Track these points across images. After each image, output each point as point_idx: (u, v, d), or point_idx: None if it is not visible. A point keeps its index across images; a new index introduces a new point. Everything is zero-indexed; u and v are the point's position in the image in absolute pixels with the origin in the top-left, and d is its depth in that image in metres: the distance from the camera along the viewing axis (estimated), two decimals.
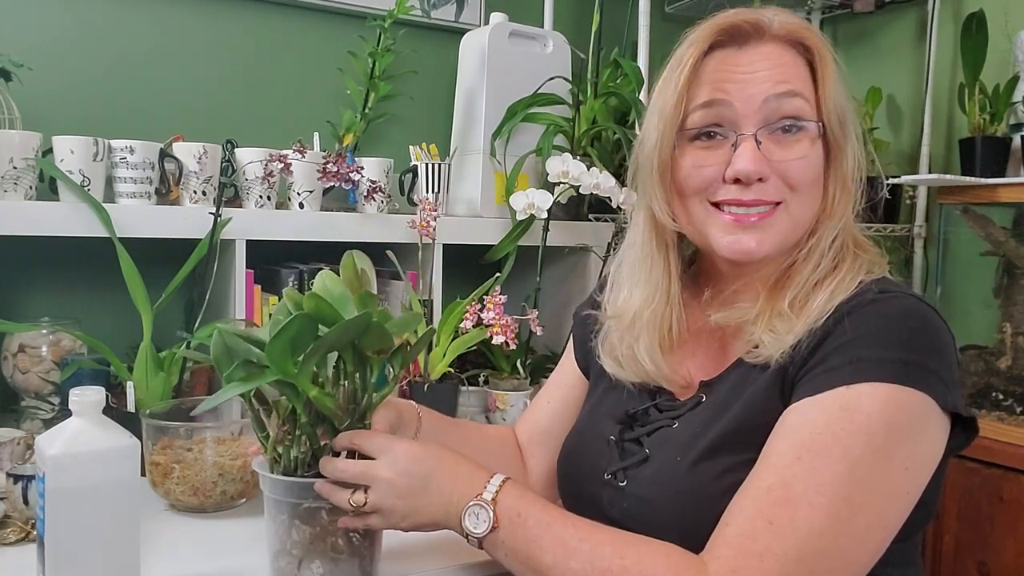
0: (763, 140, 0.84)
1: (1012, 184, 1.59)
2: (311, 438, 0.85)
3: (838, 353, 0.77)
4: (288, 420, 0.85)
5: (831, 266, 0.85)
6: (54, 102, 1.49)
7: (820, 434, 0.74)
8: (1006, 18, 1.74)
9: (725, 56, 0.86)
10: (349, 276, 0.90)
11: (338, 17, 1.75)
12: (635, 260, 0.96)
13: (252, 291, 1.41)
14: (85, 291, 1.52)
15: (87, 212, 1.26)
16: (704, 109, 0.86)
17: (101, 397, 0.79)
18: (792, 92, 0.84)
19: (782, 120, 0.84)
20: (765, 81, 0.84)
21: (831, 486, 0.72)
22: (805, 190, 0.85)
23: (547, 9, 1.95)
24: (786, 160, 0.84)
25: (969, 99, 1.70)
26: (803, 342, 0.80)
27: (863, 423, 0.74)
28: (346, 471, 0.83)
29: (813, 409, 0.76)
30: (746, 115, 0.84)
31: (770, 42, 0.86)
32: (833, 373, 0.76)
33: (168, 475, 1.07)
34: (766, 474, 0.75)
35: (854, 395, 0.75)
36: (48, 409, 1.36)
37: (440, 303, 1.53)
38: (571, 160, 1.54)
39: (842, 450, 0.73)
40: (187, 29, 1.62)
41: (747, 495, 0.75)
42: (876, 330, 0.78)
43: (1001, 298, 1.67)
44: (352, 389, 0.86)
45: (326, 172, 1.42)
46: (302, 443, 0.85)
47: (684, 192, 0.88)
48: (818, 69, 0.86)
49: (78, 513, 0.76)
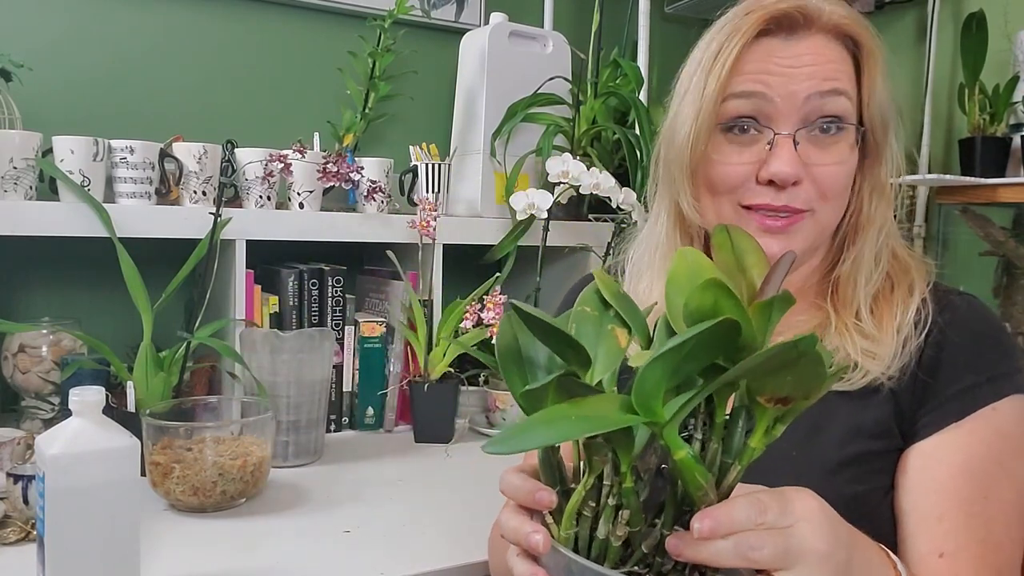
0: (801, 141, 0.79)
1: (1012, 184, 1.59)
2: (634, 516, 0.52)
3: (968, 371, 0.76)
4: (598, 484, 0.53)
5: (885, 277, 0.82)
6: (54, 102, 1.49)
7: (989, 467, 0.75)
8: (1006, 18, 1.74)
9: (769, 45, 0.80)
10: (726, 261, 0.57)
11: (338, 17, 1.75)
12: (656, 253, 0.89)
13: (252, 291, 1.41)
14: (85, 291, 1.52)
15: (87, 212, 1.26)
16: (741, 99, 0.80)
17: (101, 397, 0.79)
18: (837, 91, 0.79)
19: (821, 120, 0.79)
20: (810, 77, 0.78)
21: (1013, 516, 0.74)
22: (835, 197, 0.81)
23: (547, 9, 1.95)
24: (822, 164, 0.79)
25: (969, 99, 1.69)
26: (909, 363, 0.77)
27: (1015, 443, 0.76)
28: (760, 549, 0.51)
29: (971, 440, 0.75)
30: (786, 113, 0.79)
31: (818, 33, 0.80)
32: (971, 394, 0.76)
33: (168, 475, 1.07)
34: (970, 522, 0.74)
35: (1001, 416, 0.75)
36: (48, 409, 1.36)
37: (440, 303, 1.53)
38: (571, 160, 1.54)
39: (1009, 475, 0.75)
40: (187, 29, 1.62)
41: (968, 552, 0.73)
42: (989, 341, 0.78)
43: (1001, 298, 1.66)
44: (714, 453, 0.53)
45: (326, 172, 1.42)
46: (618, 521, 0.52)
47: (715, 190, 0.82)
48: (864, 66, 0.81)
49: (78, 513, 0.76)
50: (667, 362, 0.46)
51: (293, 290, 1.47)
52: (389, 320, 1.53)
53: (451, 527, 1.07)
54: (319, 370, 1.32)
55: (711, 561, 0.51)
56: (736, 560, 0.50)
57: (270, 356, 1.29)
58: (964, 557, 0.73)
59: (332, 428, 1.49)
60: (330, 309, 1.50)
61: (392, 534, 1.05)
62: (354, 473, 1.28)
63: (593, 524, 0.53)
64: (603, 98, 1.72)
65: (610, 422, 0.47)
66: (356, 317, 1.54)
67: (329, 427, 1.47)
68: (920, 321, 0.78)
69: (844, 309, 0.81)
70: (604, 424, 0.47)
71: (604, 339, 0.55)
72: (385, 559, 0.97)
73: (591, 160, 1.65)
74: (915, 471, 0.76)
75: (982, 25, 1.71)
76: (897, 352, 0.77)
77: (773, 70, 0.79)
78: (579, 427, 0.46)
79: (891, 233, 0.85)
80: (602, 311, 0.56)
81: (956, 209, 1.72)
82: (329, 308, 1.50)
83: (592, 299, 0.56)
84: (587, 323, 0.55)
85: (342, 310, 1.51)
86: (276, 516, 1.10)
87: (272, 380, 1.28)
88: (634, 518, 0.52)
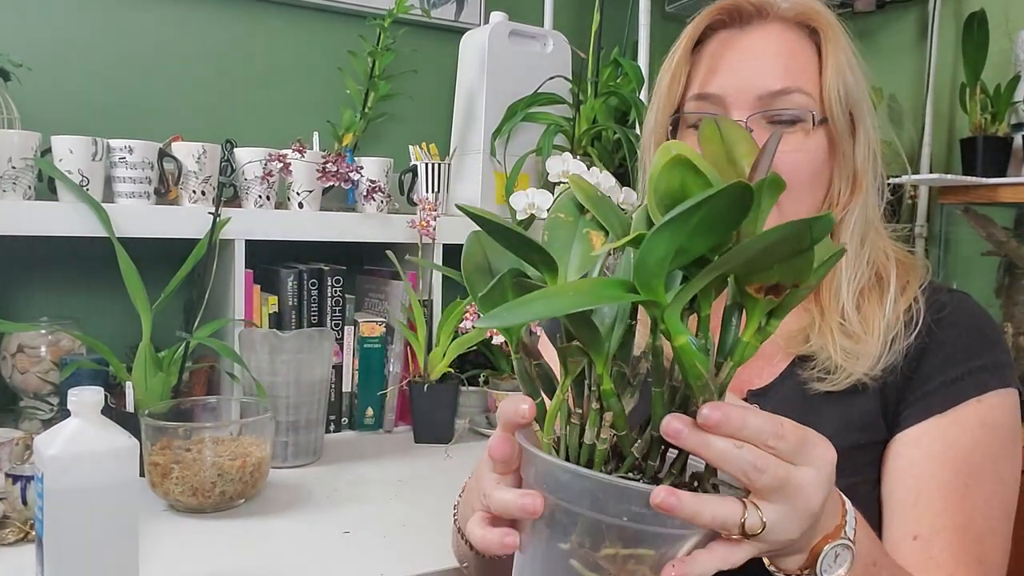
0: (755, 128, 0.77)
1: (1013, 184, 1.59)
2: (618, 419, 0.50)
3: (952, 365, 0.76)
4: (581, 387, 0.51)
5: (871, 274, 0.81)
6: (53, 102, 1.49)
7: (972, 456, 0.75)
8: (1007, 17, 1.73)
9: (725, 38, 0.81)
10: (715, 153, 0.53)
11: (338, 17, 1.75)
12: None
13: (251, 291, 1.41)
14: (84, 291, 1.52)
15: (86, 212, 1.26)
16: (696, 101, 0.82)
17: (100, 397, 0.79)
18: (788, 89, 0.78)
19: (775, 112, 0.79)
20: (763, 75, 0.78)
21: (996, 507, 0.74)
22: (799, 187, 0.79)
23: (547, 9, 1.95)
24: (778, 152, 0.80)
25: (970, 99, 1.69)
26: (897, 362, 0.77)
27: (1002, 436, 0.76)
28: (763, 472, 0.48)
29: (954, 430, 0.75)
30: (740, 105, 0.79)
31: (775, 22, 0.80)
32: (956, 386, 0.76)
33: (167, 475, 1.07)
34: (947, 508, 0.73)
35: (986, 408, 0.75)
36: (47, 409, 1.36)
37: (440, 303, 1.53)
38: (571, 160, 1.53)
39: (992, 468, 0.75)
40: (187, 29, 1.62)
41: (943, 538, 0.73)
42: (975, 336, 0.79)
43: (1002, 298, 1.66)
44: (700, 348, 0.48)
45: (326, 172, 1.42)
46: (603, 423, 0.50)
47: None
48: (824, 53, 0.80)
49: (77, 513, 0.76)
50: (672, 236, 0.42)
51: (292, 290, 1.47)
52: (389, 320, 1.53)
53: (451, 528, 1.06)
54: (319, 370, 1.32)
55: (709, 457, 0.48)
56: (733, 469, 0.48)
57: (269, 356, 1.28)
58: (939, 541, 0.73)
59: (332, 428, 1.48)
60: (330, 309, 1.50)
61: (392, 535, 1.04)
62: (354, 474, 1.28)
63: (581, 432, 0.51)
64: (603, 98, 1.72)
65: (607, 297, 0.44)
66: (356, 317, 1.53)
67: (329, 427, 1.46)
68: (911, 320, 0.78)
69: (829, 307, 0.80)
70: (601, 299, 0.44)
71: (579, 243, 0.51)
72: (385, 560, 0.96)
73: (591, 160, 1.65)
74: (896, 458, 0.77)
75: (983, 24, 1.71)
76: (883, 352, 0.77)
77: (724, 65, 0.80)
78: (576, 301, 0.43)
79: (879, 230, 0.84)
80: (577, 216, 0.52)
81: (958, 209, 1.72)
82: (329, 308, 1.49)
83: (567, 205, 0.53)
84: (561, 229, 0.52)
85: (342, 310, 1.51)
86: (275, 517, 1.09)
87: (271, 380, 1.28)
88: (618, 421, 0.50)
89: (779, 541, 0.51)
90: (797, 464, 0.50)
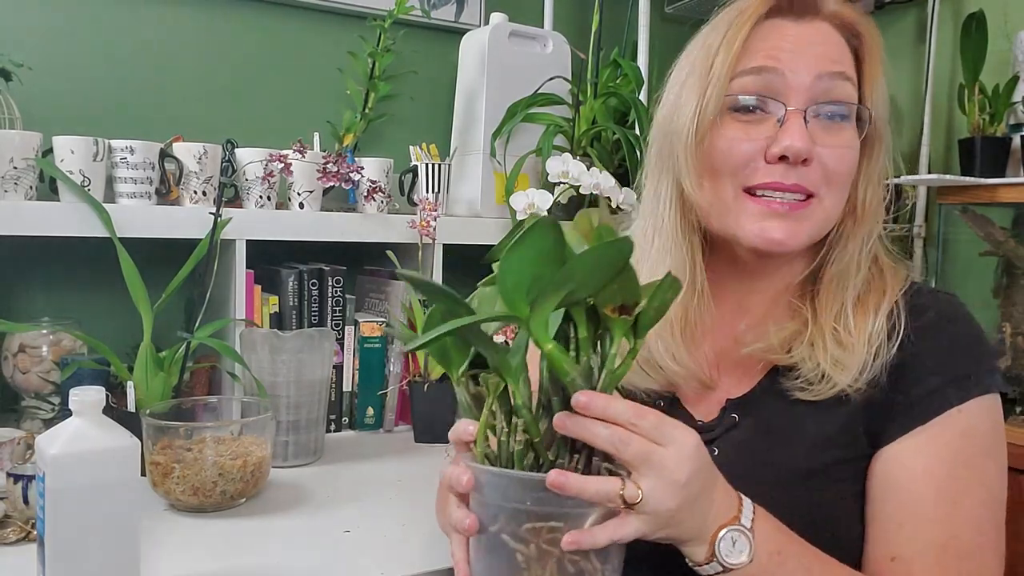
0: (810, 120, 0.77)
1: (1012, 184, 1.59)
2: (528, 424, 0.61)
3: (932, 374, 0.76)
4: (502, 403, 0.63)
5: (867, 280, 0.81)
6: (54, 102, 1.49)
7: (956, 468, 0.74)
8: (1006, 18, 1.74)
9: (778, 25, 0.80)
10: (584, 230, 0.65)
11: (338, 17, 1.75)
12: (653, 244, 0.85)
13: (252, 291, 1.41)
14: (85, 291, 1.52)
15: (87, 212, 1.26)
16: (752, 75, 0.78)
17: (101, 397, 0.79)
18: (844, 75, 0.79)
19: (830, 104, 0.78)
20: (820, 58, 0.78)
21: (986, 516, 0.74)
22: (840, 184, 0.79)
23: (547, 9, 1.95)
24: (831, 146, 0.78)
25: (969, 99, 1.70)
26: (880, 375, 0.76)
27: (983, 444, 0.76)
28: (627, 444, 0.59)
29: (936, 444, 0.75)
30: (796, 89, 0.77)
31: (823, 21, 0.80)
32: (936, 397, 0.75)
33: (168, 475, 1.07)
34: (930, 527, 0.73)
35: (966, 417, 0.75)
36: (48, 409, 1.36)
37: None
38: (571, 160, 1.54)
39: (978, 477, 0.75)
40: (187, 29, 1.62)
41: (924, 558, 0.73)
42: (958, 342, 0.78)
43: (1001, 298, 1.67)
44: (587, 364, 0.61)
45: (326, 172, 1.42)
46: (518, 432, 0.62)
47: (718, 170, 0.79)
48: (866, 59, 0.81)
49: (78, 513, 0.76)
50: (520, 264, 0.56)
51: (293, 290, 1.47)
52: (389, 320, 1.53)
53: None
54: (319, 370, 1.32)
55: (586, 437, 0.60)
56: (605, 444, 0.60)
57: (270, 356, 1.29)
58: (919, 562, 0.73)
59: (332, 428, 1.48)
60: (330, 309, 1.50)
61: (392, 534, 1.05)
62: (354, 473, 1.28)
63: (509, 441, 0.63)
64: (603, 98, 1.72)
65: (479, 317, 0.58)
66: (356, 317, 1.53)
67: (329, 427, 1.46)
68: (893, 329, 0.78)
69: (825, 312, 0.80)
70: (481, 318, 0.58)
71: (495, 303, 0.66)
72: (385, 559, 0.97)
73: (591, 160, 1.65)
74: (880, 476, 0.77)
75: (982, 25, 1.71)
76: (868, 363, 0.76)
77: (784, 47, 0.78)
78: (463, 322, 0.58)
79: (879, 236, 0.84)
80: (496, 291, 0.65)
81: (956, 209, 1.72)
82: (329, 308, 1.50)
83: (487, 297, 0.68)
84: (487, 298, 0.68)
85: (342, 310, 1.51)
86: (276, 516, 1.10)
87: (272, 380, 1.28)
88: (530, 427, 0.61)
89: (659, 512, 0.61)
90: (659, 443, 0.61)
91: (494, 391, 0.62)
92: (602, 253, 0.55)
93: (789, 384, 0.79)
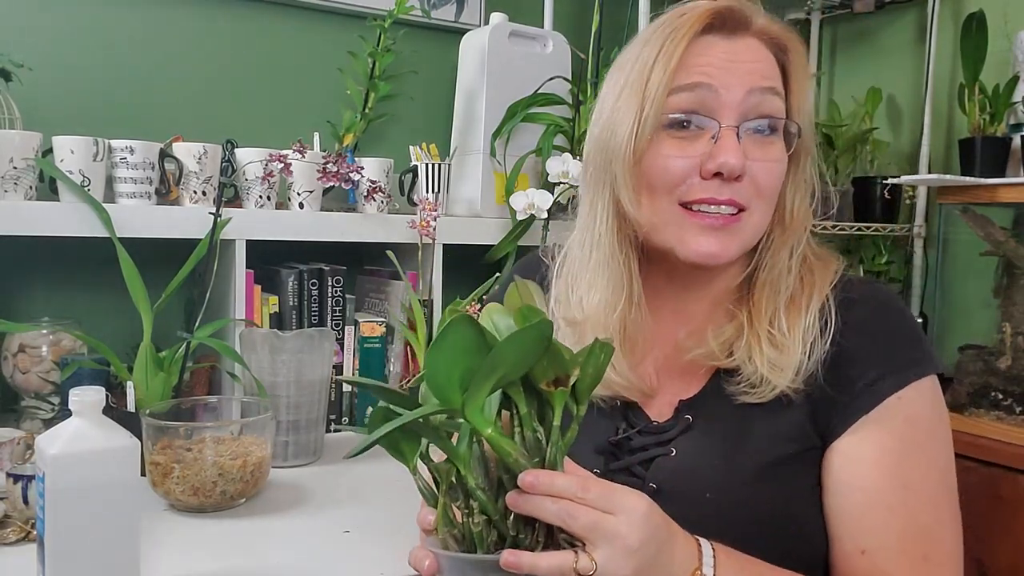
0: (743, 136, 0.80)
1: (1012, 184, 1.59)
2: (484, 505, 0.63)
3: (869, 365, 0.79)
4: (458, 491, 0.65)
5: (798, 280, 0.84)
6: (54, 102, 1.49)
7: (904, 454, 0.77)
8: (1006, 18, 1.74)
9: (711, 42, 0.81)
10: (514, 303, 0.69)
11: (338, 17, 1.75)
12: (591, 259, 0.87)
13: (252, 291, 1.41)
14: (85, 291, 1.52)
15: (87, 212, 1.26)
16: (687, 92, 0.79)
17: (101, 397, 0.79)
18: (774, 90, 0.81)
19: (760, 119, 0.80)
20: (751, 73, 0.80)
21: (940, 494, 0.78)
22: (769, 196, 0.82)
23: (547, 9, 1.95)
24: (762, 160, 0.80)
25: (969, 99, 1.69)
26: (816, 372, 0.79)
27: (927, 426, 0.79)
28: (576, 518, 0.61)
29: (881, 433, 0.78)
30: (729, 105, 0.79)
31: (754, 36, 0.82)
32: (876, 387, 0.78)
33: (168, 475, 1.07)
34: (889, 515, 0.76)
35: (907, 402, 0.78)
36: (48, 409, 1.36)
37: (440, 303, 1.53)
38: (571, 160, 1.54)
39: (927, 458, 0.78)
40: (187, 29, 1.62)
41: (888, 546, 0.76)
42: (889, 331, 0.81)
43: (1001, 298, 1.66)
44: (533, 437, 0.63)
45: (326, 172, 1.42)
46: (476, 514, 0.63)
47: (655, 186, 0.81)
48: (793, 75, 0.84)
49: (78, 513, 0.76)
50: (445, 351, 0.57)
51: (293, 290, 1.47)
52: (389, 320, 1.53)
53: None
54: (319, 370, 1.32)
55: (537, 513, 0.61)
56: (553, 519, 0.61)
57: (270, 356, 1.29)
58: (883, 551, 0.76)
59: (332, 428, 1.48)
60: (330, 309, 1.50)
61: (392, 534, 1.05)
62: (354, 473, 1.28)
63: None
64: None
65: (416, 412, 0.59)
66: (356, 317, 1.53)
67: (329, 427, 1.47)
68: (825, 325, 0.80)
69: (759, 316, 0.82)
70: (412, 415, 0.59)
71: None
72: (385, 559, 0.97)
73: None
74: (836, 471, 0.79)
75: (982, 25, 1.71)
76: (803, 363, 0.79)
77: (715, 63, 0.80)
78: (400, 422, 0.59)
79: (807, 236, 0.86)
80: None
81: (956, 209, 1.72)
82: (329, 308, 1.50)
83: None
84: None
85: (342, 310, 1.51)
86: (276, 516, 1.10)
87: (272, 380, 1.28)
88: (487, 507, 0.62)
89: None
90: (608, 511, 0.62)
91: (446, 479, 0.64)
92: (524, 337, 0.58)
93: (733, 388, 0.81)
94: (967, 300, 1.87)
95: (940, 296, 1.89)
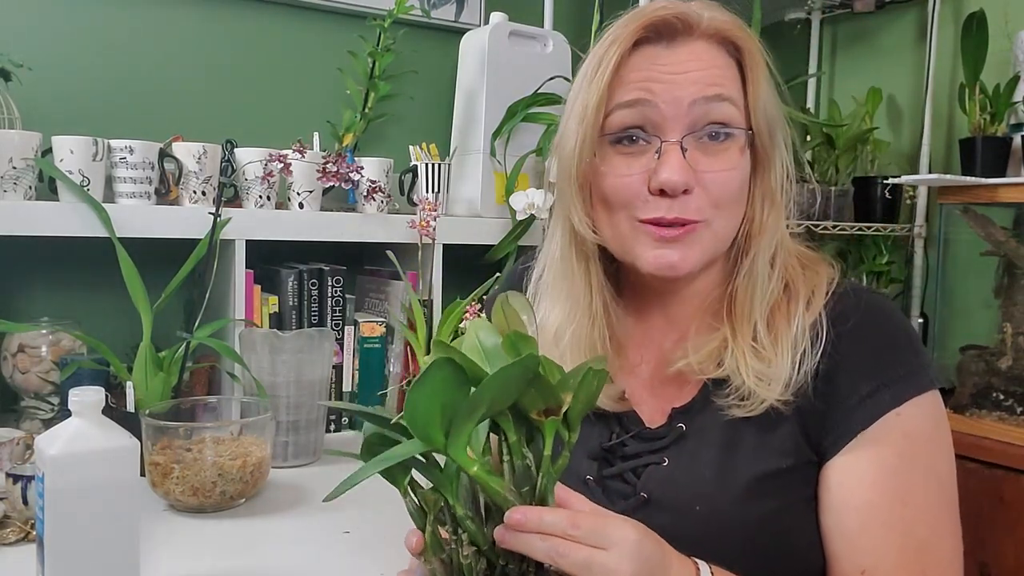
0: (689, 148, 0.77)
1: (1012, 184, 1.59)
2: (473, 535, 0.62)
3: (864, 380, 0.76)
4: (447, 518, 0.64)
5: (781, 288, 0.81)
6: (54, 102, 1.49)
7: (902, 471, 0.75)
8: (1006, 18, 1.74)
9: (650, 54, 0.79)
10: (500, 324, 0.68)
11: (338, 17, 1.75)
12: (554, 274, 0.87)
13: (252, 291, 1.41)
14: (85, 291, 1.52)
15: (87, 212, 1.26)
16: (626, 109, 0.78)
17: (101, 397, 0.79)
18: (721, 96, 0.77)
19: (709, 126, 0.77)
20: (694, 83, 0.77)
21: (940, 507, 0.76)
22: (728, 205, 0.79)
23: (547, 9, 1.95)
24: (713, 171, 0.77)
25: (969, 99, 1.69)
26: (806, 382, 0.76)
27: (928, 440, 0.77)
28: (566, 556, 0.59)
29: (879, 449, 0.76)
30: (672, 118, 0.77)
31: (699, 39, 0.79)
32: (873, 401, 0.76)
33: (168, 475, 1.07)
34: (887, 532, 0.75)
35: (906, 418, 0.76)
36: (48, 409, 1.36)
37: (440, 303, 1.53)
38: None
39: (925, 472, 0.76)
40: (187, 29, 1.62)
41: (887, 561, 0.74)
42: (883, 346, 0.78)
43: (1001, 298, 1.66)
44: (523, 466, 0.62)
45: (326, 172, 1.42)
46: (464, 545, 0.63)
47: (610, 203, 0.80)
48: (748, 72, 0.79)
49: (78, 513, 0.76)
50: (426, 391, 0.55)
51: (293, 290, 1.47)
52: (389, 320, 1.53)
53: None
54: (319, 370, 1.32)
55: (525, 551, 0.59)
56: (544, 557, 0.59)
57: (270, 356, 1.29)
58: (883, 569, 0.74)
59: (332, 428, 1.48)
60: (330, 309, 1.50)
61: (392, 535, 1.04)
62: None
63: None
64: None
65: (398, 455, 0.57)
66: (356, 317, 1.53)
67: (329, 427, 1.46)
68: (816, 336, 0.77)
69: (741, 327, 0.80)
70: (395, 457, 0.57)
71: None
72: (385, 560, 0.96)
73: None
74: (833, 488, 0.77)
75: (982, 25, 1.71)
76: (792, 375, 0.76)
77: (655, 77, 0.78)
78: (380, 464, 0.57)
79: (785, 240, 0.83)
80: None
81: (957, 209, 1.72)
82: (329, 308, 1.50)
83: None
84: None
85: (342, 310, 1.51)
86: (276, 516, 1.10)
87: (272, 380, 1.28)
88: (476, 538, 0.61)
89: None
90: (599, 547, 0.60)
91: (434, 508, 0.63)
92: (507, 375, 0.55)
93: (722, 401, 0.79)
94: (968, 300, 1.87)
95: (941, 296, 1.89)
